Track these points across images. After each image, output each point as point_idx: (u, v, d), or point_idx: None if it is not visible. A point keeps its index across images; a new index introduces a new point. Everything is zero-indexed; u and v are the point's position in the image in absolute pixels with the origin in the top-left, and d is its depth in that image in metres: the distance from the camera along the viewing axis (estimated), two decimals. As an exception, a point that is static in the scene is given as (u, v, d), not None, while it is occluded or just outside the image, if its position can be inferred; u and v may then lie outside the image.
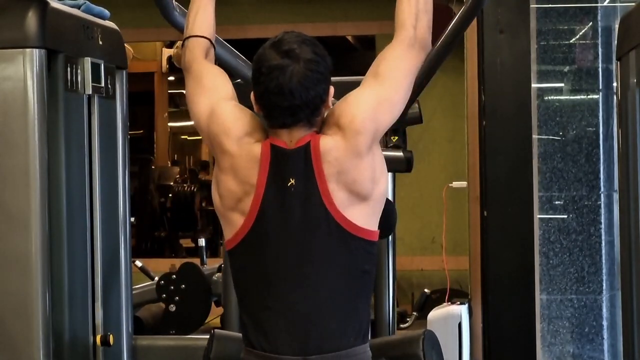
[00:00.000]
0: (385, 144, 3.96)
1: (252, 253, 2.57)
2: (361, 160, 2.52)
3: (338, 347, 2.53)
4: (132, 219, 3.91)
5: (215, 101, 2.65)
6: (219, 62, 3.12)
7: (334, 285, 2.54)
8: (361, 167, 2.52)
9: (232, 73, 3.47)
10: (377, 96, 2.57)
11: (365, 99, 2.56)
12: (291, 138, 2.54)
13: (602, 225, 5.11)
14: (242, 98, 2.67)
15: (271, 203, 2.53)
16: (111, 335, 3.44)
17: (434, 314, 4.93)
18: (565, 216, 5.13)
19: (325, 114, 2.58)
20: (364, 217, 2.54)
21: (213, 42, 2.85)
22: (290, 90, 2.49)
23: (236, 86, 2.75)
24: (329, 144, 2.52)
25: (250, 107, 2.62)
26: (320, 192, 2.51)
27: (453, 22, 3.60)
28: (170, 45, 10.01)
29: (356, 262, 2.55)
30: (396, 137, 3.81)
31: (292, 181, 2.52)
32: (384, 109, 2.57)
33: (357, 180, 2.52)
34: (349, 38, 10.04)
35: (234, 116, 2.60)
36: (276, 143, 2.54)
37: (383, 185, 2.60)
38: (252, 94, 2.58)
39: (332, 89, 2.57)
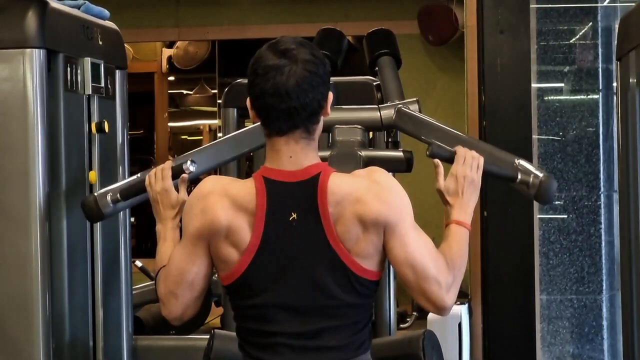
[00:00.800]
0: (386, 144, 3.96)
1: (252, 289, 2.49)
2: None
3: (339, 358, 2.50)
4: (132, 219, 3.91)
5: (184, 239, 2.55)
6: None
7: (337, 314, 2.48)
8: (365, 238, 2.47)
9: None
10: (402, 230, 2.48)
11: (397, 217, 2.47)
12: (292, 163, 2.48)
13: (602, 226, 5.11)
14: (239, 97, 2.64)
15: (272, 237, 2.46)
16: (106, 122, 3.41)
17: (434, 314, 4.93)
18: (565, 216, 5.12)
19: (357, 170, 2.53)
20: (369, 256, 2.48)
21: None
22: (287, 91, 2.42)
23: (235, 86, 2.74)
24: (339, 187, 2.46)
25: (245, 108, 2.57)
26: (325, 228, 2.45)
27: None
28: (170, 45, 10.01)
29: (359, 296, 2.50)
30: (393, 132, 3.81)
31: (294, 215, 2.46)
32: (393, 241, 2.48)
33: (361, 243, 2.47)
34: (349, 38, 10.04)
35: (196, 227, 2.50)
36: (271, 176, 2.47)
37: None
38: (247, 100, 2.51)
39: (331, 95, 2.52)
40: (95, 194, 3.19)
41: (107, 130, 3.40)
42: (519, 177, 3.06)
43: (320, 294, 2.46)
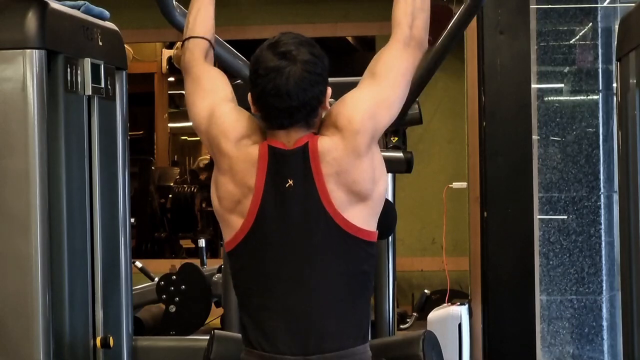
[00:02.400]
0: (385, 144, 3.96)
1: (252, 254, 2.57)
2: (360, 161, 2.52)
3: (338, 347, 2.53)
4: (132, 220, 3.91)
5: (214, 103, 2.65)
6: (219, 62, 3.12)
7: (333, 286, 2.54)
8: (360, 167, 2.52)
9: (232, 74, 3.47)
10: (375, 96, 2.57)
11: (363, 99, 2.56)
12: (289, 139, 2.55)
13: (602, 226, 5.11)
14: (242, 99, 2.67)
15: (270, 204, 2.53)
16: (111, 338, 3.44)
17: (434, 314, 4.93)
18: (565, 217, 5.13)
19: (324, 115, 2.58)
20: (363, 218, 2.54)
21: (213, 43, 2.84)
22: (288, 91, 2.49)
23: (236, 87, 2.75)
24: (328, 145, 2.52)
25: (249, 108, 2.62)
26: (319, 192, 2.51)
27: (452, 21, 3.59)
28: (170, 46, 10.01)
29: (355, 263, 2.56)
30: (396, 138, 3.81)
31: (291, 182, 2.52)
32: (381, 109, 2.57)
33: (356, 180, 2.52)
34: (349, 39, 10.04)
35: (232, 118, 2.60)
36: (274, 144, 2.55)
37: (382, 185, 2.60)
38: (249, 95, 2.58)
39: (329, 90, 2.58)
40: None
41: (112, 345, 3.43)
42: None
43: (317, 262, 2.53)
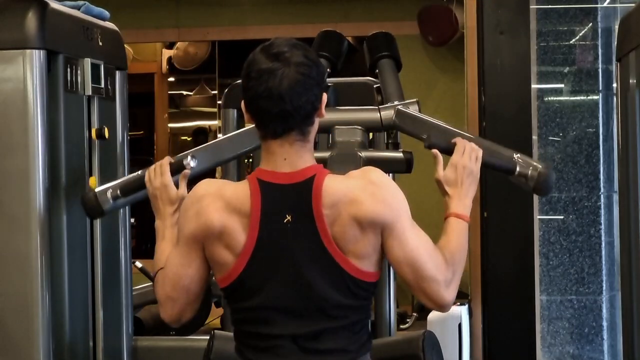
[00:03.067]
0: (386, 145, 3.95)
1: (248, 291, 2.49)
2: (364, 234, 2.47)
3: None
4: (132, 220, 3.91)
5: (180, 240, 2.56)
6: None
7: (333, 316, 2.48)
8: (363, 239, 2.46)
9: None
10: (400, 229, 2.47)
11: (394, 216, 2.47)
12: (284, 164, 2.46)
13: (602, 226, 5.11)
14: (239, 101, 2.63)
15: (266, 241, 2.45)
16: (106, 129, 3.43)
17: (434, 314, 4.93)
18: (565, 217, 5.12)
19: (354, 172, 2.51)
20: (366, 257, 2.48)
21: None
22: (280, 94, 2.41)
23: (236, 87, 2.74)
24: (334, 189, 2.45)
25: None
26: (319, 230, 2.44)
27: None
28: (170, 46, 10.01)
29: (355, 298, 2.49)
30: (392, 133, 3.81)
31: (289, 217, 2.45)
32: (392, 241, 2.48)
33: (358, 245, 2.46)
34: (349, 39, 10.04)
35: (193, 225, 2.50)
36: (265, 178, 2.47)
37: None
38: (242, 103, 2.51)
39: (325, 97, 2.50)
40: (95, 190, 3.19)
41: (107, 136, 3.41)
42: (517, 169, 3.06)
43: (316, 296, 2.46)
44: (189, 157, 2.95)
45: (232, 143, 3.43)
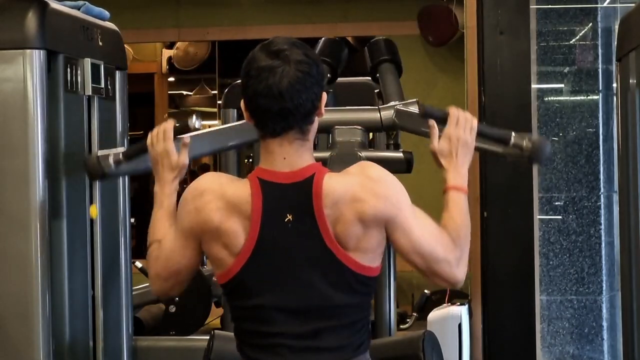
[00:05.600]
0: (387, 146, 3.96)
1: (247, 288, 2.49)
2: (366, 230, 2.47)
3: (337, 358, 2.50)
4: (132, 220, 3.91)
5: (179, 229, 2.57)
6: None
7: (333, 314, 2.48)
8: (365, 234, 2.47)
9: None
10: (403, 221, 2.49)
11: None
12: (284, 163, 2.47)
13: (602, 226, 5.11)
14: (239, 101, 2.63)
15: (267, 240, 2.45)
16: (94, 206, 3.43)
17: (434, 314, 4.93)
18: (565, 217, 5.12)
19: (352, 167, 2.51)
20: (367, 254, 2.48)
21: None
22: (280, 92, 2.41)
23: (237, 86, 2.74)
24: (334, 187, 2.45)
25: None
26: (320, 229, 2.44)
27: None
28: (170, 46, 10.00)
29: (356, 295, 2.49)
30: (394, 133, 3.82)
31: (290, 217, 2.45)
32: (396, 232, 2.49)
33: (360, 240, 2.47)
34: (349, 39, 10.03)
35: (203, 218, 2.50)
36: (266, 177, 2.47)
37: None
38: (241, 102, 2.51)
39: (325, 96, 2.50)
40: (98, 153, 3.20)
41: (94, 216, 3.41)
42: (512, 140, 3.04)
43: (317, 295, 2.46)
44: (194, 118, 2.94)
45: (235, 132, 3.43)
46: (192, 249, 2.56)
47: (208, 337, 3.12)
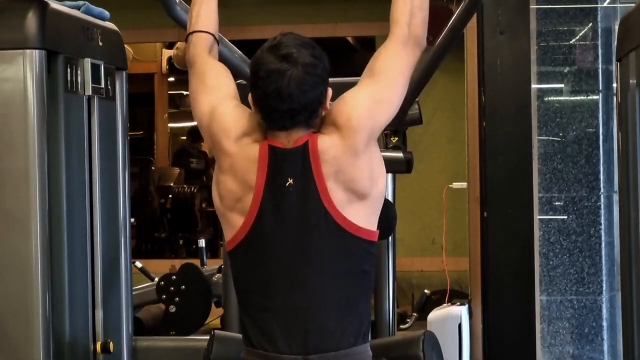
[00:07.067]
0: (385, 145, 3.96)
1: (252, 253, 2.58)
2: (359, 159, 2.53)
3: (338, 347, 2.54)
4: (132, 220, 3.91)
5: (217, 101, 2.65)
6: (222, 60, 3.13)
7: (333, 285, 2.55)
8: (359, 166, 2.53)
9: (234, 72, 3.49)
10: (373, 94, 2.58)
11: (362, 97, 2.57)
12: (289, 139, 2.56)
13: (602, 226, 5.11)
14: (244, 99, 2.67)
15: (270, 203, 2.54)
16: (111, 343, 3.44)
17: (434, 314, 4.93)
18: (565, 217, 5.13)
19: (323, 114, 2.59)
20: (363, 217, 2.55)
21: (217, 37, 2.84)
22: (289, 94, 2.50)
23: (238, 86, 2.75)
24: (327, 143, 2.54)
25: (249, 107, 2.62)
26: (319, 191, 2.52)
27: (451, 20, 3.61)
28: (170, 46, 10.00)
29: (355, 262, 2.57)
30: (396, 138, 3.82)
31: (291, 181, 2.53)
32: (380, 107, 2.58)
33: (355, 179, 2.53)
34: (349, 39, 10.04)
35: (233, 116, 2.61)
36: (274, 144, 2.56)
37: (381, 184, 2.60)
38: (249, 96, 2.58)
39: (329, 91, 2.58)
40: None
41: (112, 350, 3.43)
42: None
43: (317, 259, 2.54)
44: None
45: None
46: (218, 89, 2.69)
47: (208, 337, 3.12)
